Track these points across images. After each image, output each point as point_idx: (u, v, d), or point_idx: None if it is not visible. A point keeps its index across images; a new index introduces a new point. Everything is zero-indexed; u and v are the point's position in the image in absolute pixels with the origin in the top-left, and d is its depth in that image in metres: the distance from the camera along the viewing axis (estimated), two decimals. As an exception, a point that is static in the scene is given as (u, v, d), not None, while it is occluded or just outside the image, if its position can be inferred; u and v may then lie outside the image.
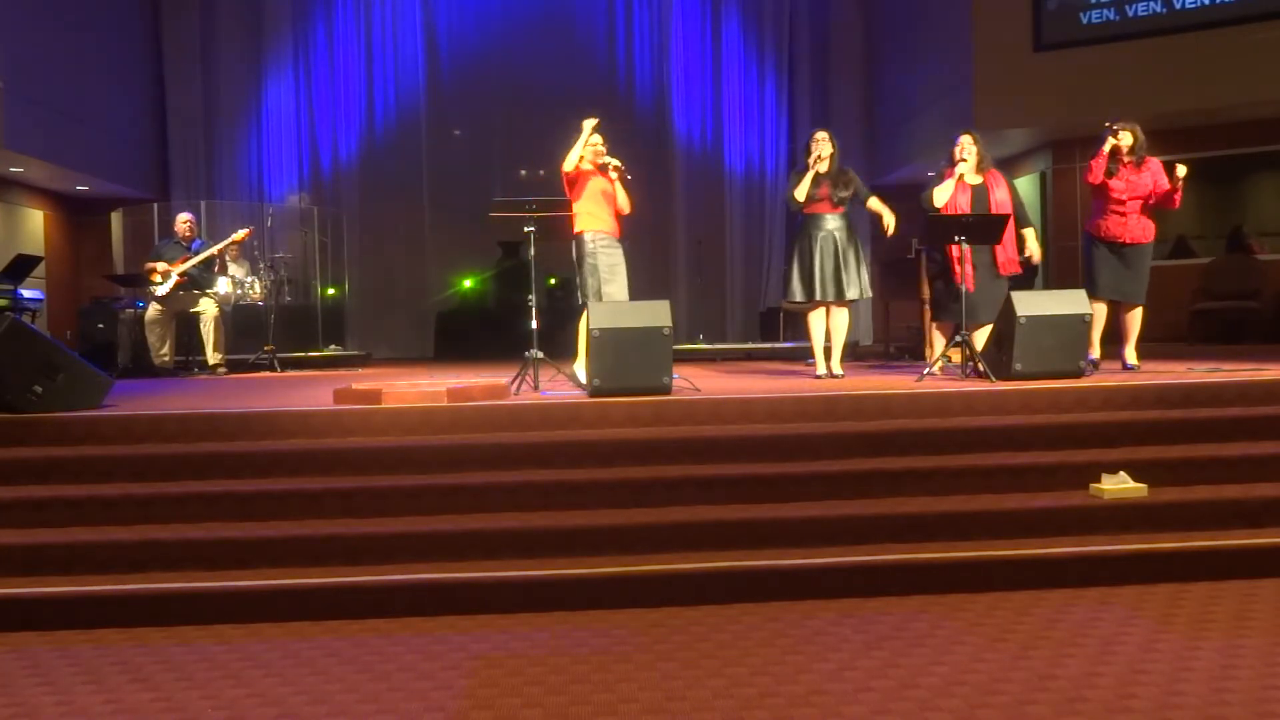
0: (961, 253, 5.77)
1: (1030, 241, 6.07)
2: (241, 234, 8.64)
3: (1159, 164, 6.13)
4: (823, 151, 6.01)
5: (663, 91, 13.65)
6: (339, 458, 4.30)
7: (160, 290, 8.15)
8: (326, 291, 12.42)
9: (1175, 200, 6.14)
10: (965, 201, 5.99)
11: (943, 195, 6.03)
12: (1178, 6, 9.88)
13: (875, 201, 6.15)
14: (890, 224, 6.05)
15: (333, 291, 12.55)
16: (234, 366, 8.58)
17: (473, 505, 4.03)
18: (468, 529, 3.83)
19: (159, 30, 13.35)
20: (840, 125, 11.56)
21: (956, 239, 5.73)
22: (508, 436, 4.51)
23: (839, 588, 3.59)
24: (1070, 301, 5.47)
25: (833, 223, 6.04)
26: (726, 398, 4.84)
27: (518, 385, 5.59)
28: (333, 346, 11.35)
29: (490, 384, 5.16)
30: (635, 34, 13.69)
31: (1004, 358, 5.40)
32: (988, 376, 5.39)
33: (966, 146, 6.04)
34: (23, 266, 9.56)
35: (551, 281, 12.43)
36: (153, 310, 8.22)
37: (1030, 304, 5.39)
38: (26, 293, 9.57)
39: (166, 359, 8.28)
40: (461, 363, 10.72)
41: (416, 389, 4.86)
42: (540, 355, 5.73)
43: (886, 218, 6.05)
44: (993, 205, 5.94)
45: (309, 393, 5.88)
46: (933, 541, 3.81)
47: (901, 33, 12.77)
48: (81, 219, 13.04)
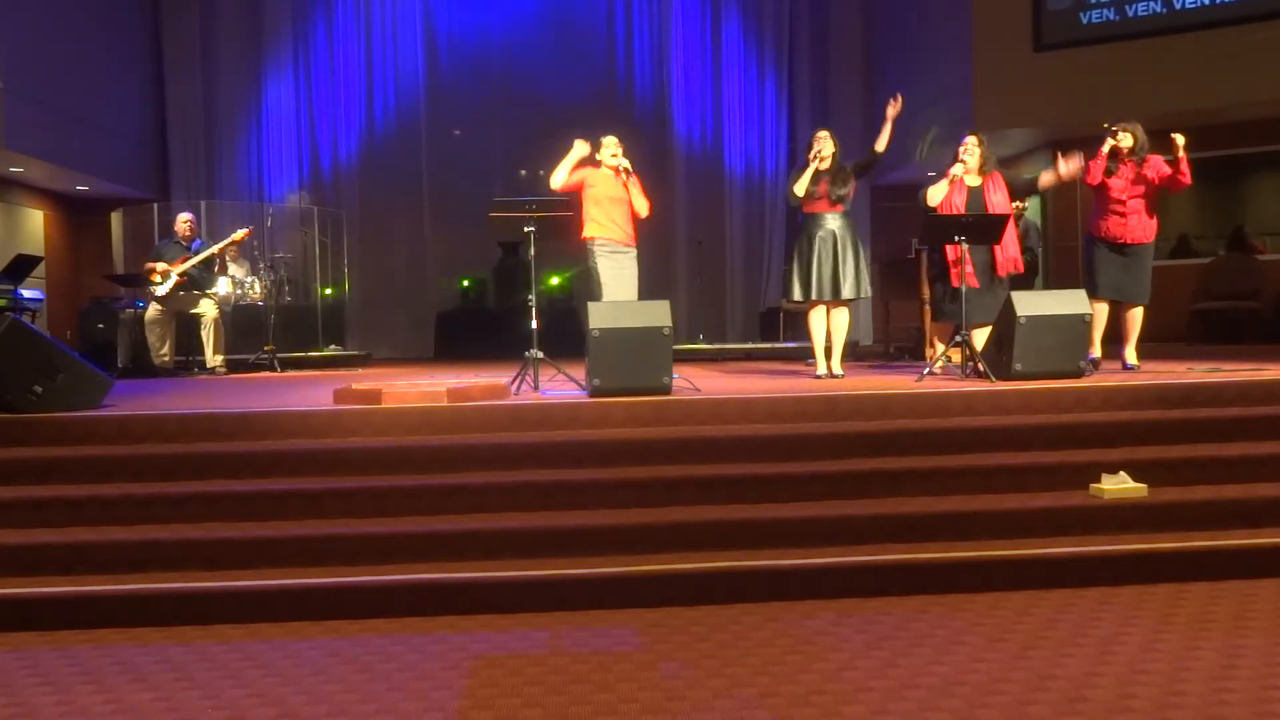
0: (961, 254, 5.77)
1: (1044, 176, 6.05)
2: (241, 234, 8.63)
3: (1159, 159, 6.08)
4: (824, 149, 6.02)
5: (663, 91, 13.64)
6: (339, 458, 4.30)
7: (160, 290, 8.15)
8: (325, 291, 12.42)
9: (1183, 177, 5.92)
10: (961, 202, 5.99)
11: (937, 195, 6.04)
12: (1178, 6, 9.87)
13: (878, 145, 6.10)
14: (886, 132, 6.05)
15: (330, 291, 12.54)
16: (234, 366, 8.57)
17: (472, 505, 4.03)
18: (467, 529, 3.83)
19: (159, 30, 13.35)
20: (840, 125, 11.49)
21: (956, 239, 5.73)
22: (508, 436, 4.51)
23: (839, 588, 3.59)
24: (1070, 301, 5.48)
25: (832, 222, 6.05)
26: (726, 398, 4.84)
27: (518, 385, 5.59)
28: (333, 346, 11.34)
29: (490, 384, 5.15)
30: (635, 34, 13.68)
31: (1004, 358, 5.40)
32: (988, 376, 5.39)
33: (970, 148, 6.06)
34: (23, 266, 9.57)
35: (553, 281, 12.44)
36: (153, 310, 8.22)
37: (1030, 304, 5.39)
38: (26, 293, 9.57)
39: (166, 359, 8.28)
40: (461, 363, 10.72)
41: (416, 389, 4.85)
42: (540, 355, 5.73)
43: (884, 135, 6.05)
44: (988, 208, 5.93)
45: (309, 393, 5.88)
46: (933, 541, 3.82)
47: (901, 33, 12.76)
48: (81, 219, 13.04)
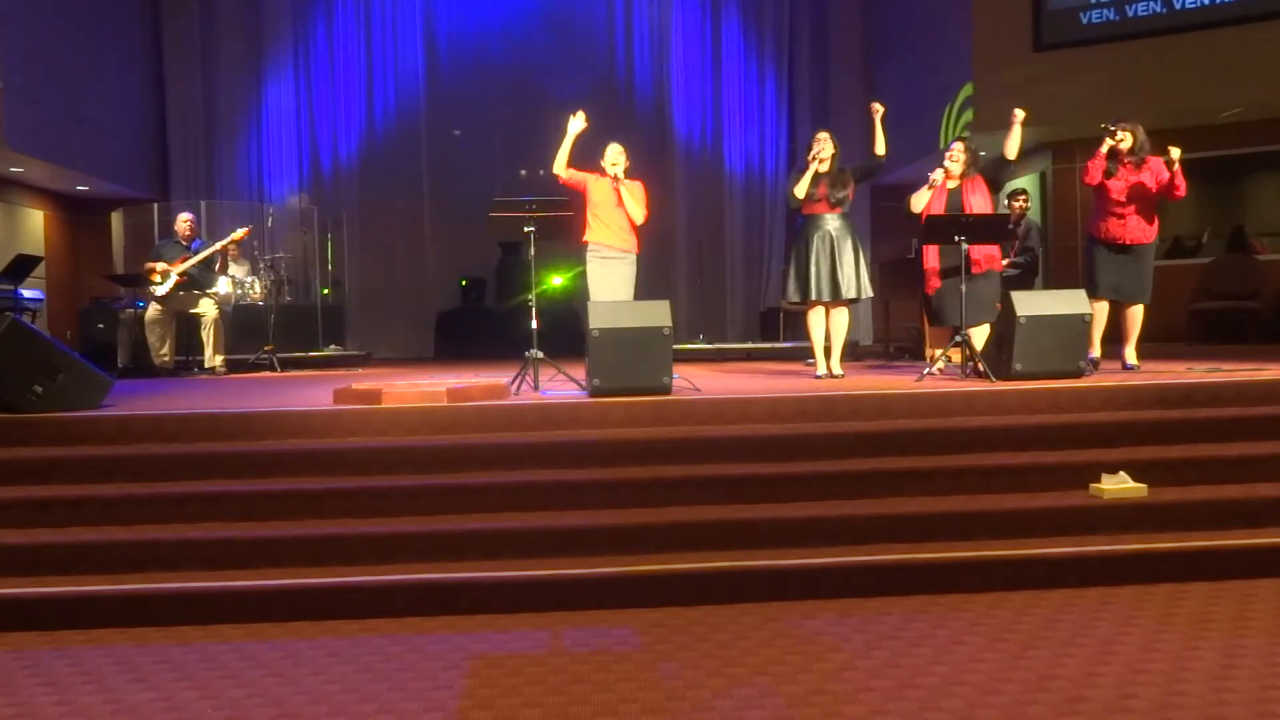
0: (962, 256, 5.77)
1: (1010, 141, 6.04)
2: (241, 233, 8.62)
3: (1160, 161, 6.10)
4: (823, 151, 6.03)
5: (663, 91, 13.65)
6: (339, 458, 4.30)
7: (160, 290, 8.15)
8: (325, 291, 12.42)
9: (1177, 188, 5.96)
10: (940, 206, 6.08)
11: (919, 201, 6.16)
12: (1178, 6, 9.88)
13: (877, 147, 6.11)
14: (880, 135, 6.05)
15: (326, 292, 12.53)
16: (234, 366, 8.57)
17: (472, 505, 4.03)
18: (467, 529, 3.83)
19: (159, 30, 13.36)
20: (840, 125, 11.56)
21: (956, 239, 5.74)
22: (507, 436, 4.51)
23: (839, 588, 3.59)
24: (1070, 301, 5.48)
25: (831, 223, 6.06)
26: (726, 398, 4.84)
27: (518, 385, 5.59)
28: (333, 346, 11.35)
29: (490, 384, 5.16)
30: (635, 34, 13.68)
31: (1004, 358, 5.40)
32: (988, 376, 5.39)
33: (956, 154, 6.14)
34: (23, 266, 9.58)
35: (554, 282, 12.42)
36: (153, 310, 8.22)
37: (1030, 304, 5.40)
38: (26, 293, 9.59)
39: (166, 359, 8.28)
40: (461, 363, 10.72)
41: (416, 389, 4.85)
42: (540, 355, 5.73)
43: (878, 139, 6.06)
44: (966, 208, 6.00)
45: (309, 393, 5.88)
46: (933, 541, 3.82)
47: (901, 33, 12.77)
48: (81, 219, 13.05)
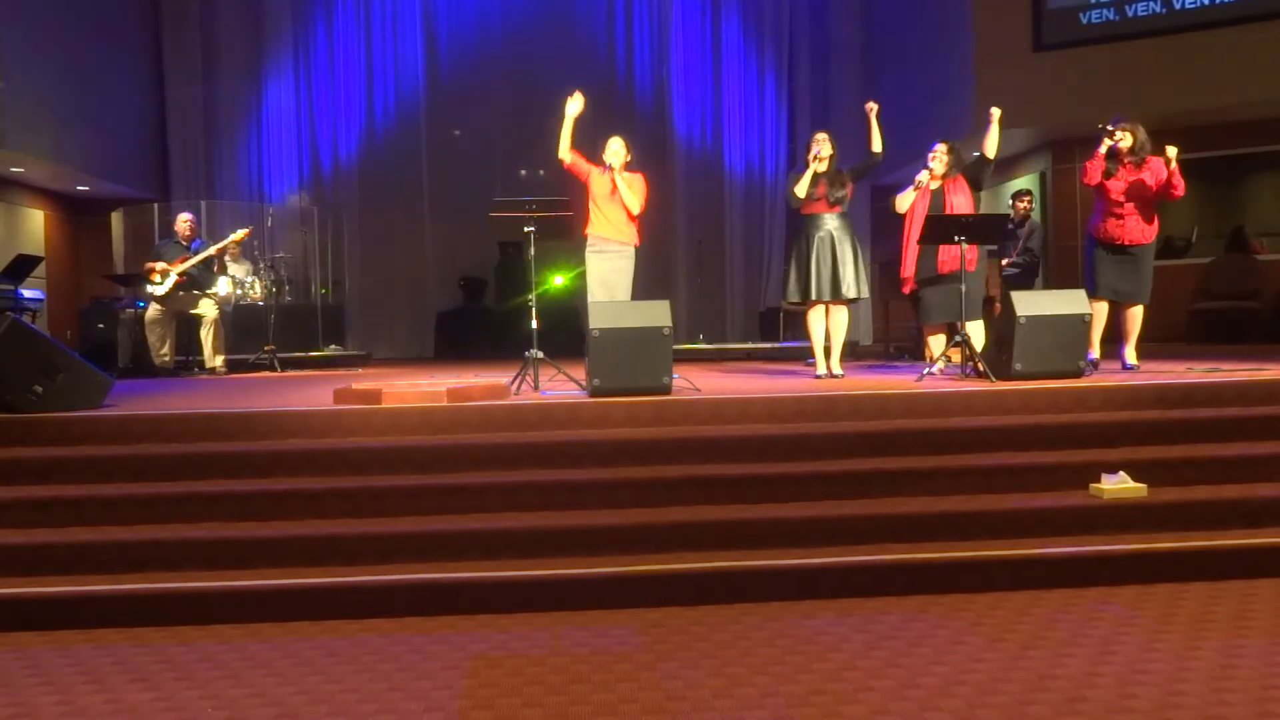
0: (961, 256, 5.79)
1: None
2: (241, 233, 8.63)
3: (1160, 161, 6.08)
4: (822, 151, 6.05)
5: (663, 91, 13.64)
6: (339, 458, 4.30)
7: (159, 290, 8.14)
8: (323, 290, 12.42)
9: (1176, 188, 5.94)
10: (923, 207, 6.11)
11: (903, 203, 6.20)
12: (1178, 6, 9.88)
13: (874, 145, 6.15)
14: (876, 132, 6.10)
15: (324, 291, 12.53)
16: (234, 366, 8.57)
17: (472, 505, 4.03)
18: (467, 529, 3.83)
19: (159, 31, 13.36)
20: (840, 125, 11.54)
21: (955, 238, 5.75)
22: (507, 436, 4.51)
23: (839, 588, 3.60)
24: (1070, 301, 5.48)
25: (830, 223, 6.07)
26: (726, 398, 4.84)
27: (518, 385, 5.59)
28: (333, 346, 11.35)
29: (490, 384, 5.16)
30: (635, 34, 13.68)
31: (1004, 358, 5.40)
32: (987, 376, 5.39)
33: (940, 155, 6.16)
34: (23, 266, 9.58)
35: (555, 281, 12.42)
36: (153, 310, 8.22)
37: (1030, 304, 5.40)
38: (26, 293, 9.59)
39: (166, 359, 8.28)
40: (461, 363, 10.72)
41: (416, 389, 4.85)
42: (540, 355, 5.73)
43: (875, 136, 6.12)
44: (948, 208, 6.03)
45: (309, 393, 5.88)
46: (933, 541, 3.82)
47: (901, 33, 12.76)
48: (81, 219, 13.05)
